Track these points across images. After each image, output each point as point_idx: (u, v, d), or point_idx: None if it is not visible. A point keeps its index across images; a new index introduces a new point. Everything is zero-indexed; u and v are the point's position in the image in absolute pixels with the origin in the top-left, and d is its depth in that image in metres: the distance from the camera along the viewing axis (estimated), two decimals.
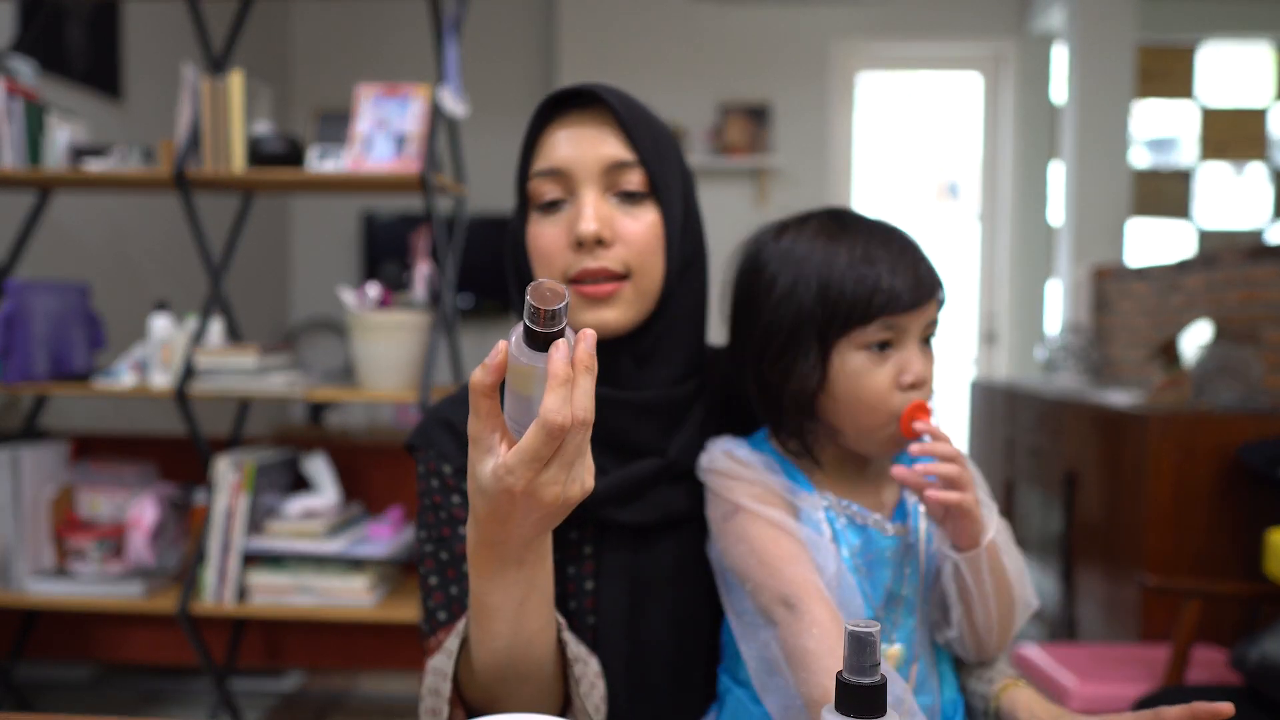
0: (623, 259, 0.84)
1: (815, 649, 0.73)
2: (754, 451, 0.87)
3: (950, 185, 4.66)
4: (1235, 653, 1.76)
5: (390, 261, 2.57)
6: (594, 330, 0.72)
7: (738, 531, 0.81)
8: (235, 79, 2.19)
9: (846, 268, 0.82)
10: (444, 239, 2.28)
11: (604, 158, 0.83)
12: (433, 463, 0.87)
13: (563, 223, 0.84)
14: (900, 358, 0.82)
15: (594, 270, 0.83)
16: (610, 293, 0.83)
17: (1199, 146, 4.60)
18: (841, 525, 0.85)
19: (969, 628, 0.84)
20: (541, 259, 0.85)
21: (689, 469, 0.89)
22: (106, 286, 2.99)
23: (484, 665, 0.74)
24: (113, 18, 3.19)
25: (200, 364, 2.17)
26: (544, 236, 0.85)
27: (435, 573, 0.85)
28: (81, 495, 2.34)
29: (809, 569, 0.78)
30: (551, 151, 0.84)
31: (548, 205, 0.85)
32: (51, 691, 2.65)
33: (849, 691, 0.48)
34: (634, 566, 0.87)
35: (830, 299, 0.81)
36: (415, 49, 4.27)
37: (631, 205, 0.85)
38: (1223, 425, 2.28)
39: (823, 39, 4.36)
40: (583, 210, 0.82)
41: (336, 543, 2.18)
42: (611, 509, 0.85)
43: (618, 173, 0.84)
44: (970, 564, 0.80)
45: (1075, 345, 3.37)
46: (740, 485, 0.83)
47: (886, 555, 0.85)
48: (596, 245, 0.83)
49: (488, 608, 0.71)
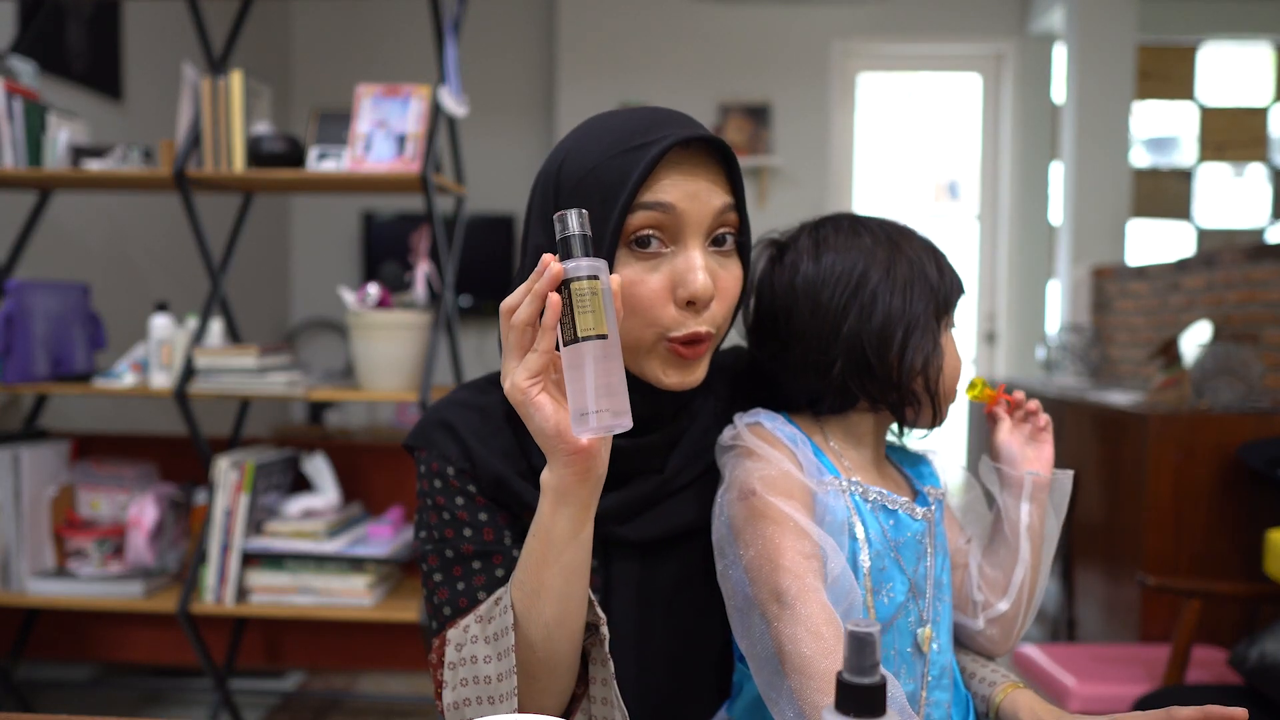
0: (716, 318, 0.81)
1: (810, 653, 0.73)
2: (783, 424, 0.87)
3: (950, 185, 4.66)
4: (1234, 653, 1.76)
5: (390, 261, 2.57)
6: (679, 387, 0.81)
7: (747, 519, 0.80)
8: (235, 79, 2.19)
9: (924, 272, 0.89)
10: (444, 239, 2.28)
11: (718, 206, 0.79)
12: (435, 463, 0.85)
13: (666, 272, 0.78)
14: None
15: (703, 334, 0.79)
16: (698, 355, 0.81)
17: (1198, 146, 4.60)
18: (870, 508, 0.85)
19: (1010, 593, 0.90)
20: (641, 310, 0.78)
21: (692, 479, 0.88)
22: (106, 286, 2.99)
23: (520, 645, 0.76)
24: (113, 18, 3.19)
25: (200, 364, 2.17)
26: (644, 285, 0.78)
27: (439, 570, 0.84)
28: (82, 495, 2.34)
29: (809, 566, 0.77)
30: (666, 188, 0.77)
31: (642, 245, 0.78)
32: (51, 691, 2.65)
33: (849, 692, 0.48)
34: (642, 580, 0.86)
35: (939, 287, 0.89)
36: (415, 49, 4.27)
37: (724, 257, 0.81)
38: (1222, 425, 2.28)
39: (823, 39, 4.36)
40: (695, 264, 0.78)
41: (336, 543, 2.18)
42: (611, 526, 0.84)
43: (720, 223, 0.80)
44: (1044, 491, 0.91)
45: (1075, 345, 3.37)
46: (757, 467, 0.82)
47: (916, 540, 0.86)
48: (705, 304, 0.79)
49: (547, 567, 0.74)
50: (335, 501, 2.27)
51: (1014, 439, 0.92)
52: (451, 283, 2.31)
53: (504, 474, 0.83)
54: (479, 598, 0.82)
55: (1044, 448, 0.92)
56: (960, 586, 0.94)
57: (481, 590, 0.82)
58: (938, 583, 0.87)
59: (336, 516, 2.25)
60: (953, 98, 4.60)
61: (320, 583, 2.17)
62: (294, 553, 2.17)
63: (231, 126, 2.19)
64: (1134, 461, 2.36)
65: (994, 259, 4.55)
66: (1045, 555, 0.91)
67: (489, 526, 0.84)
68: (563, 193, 0.79)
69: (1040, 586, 0.91)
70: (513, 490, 0.83)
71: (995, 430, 0.93)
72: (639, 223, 0.77)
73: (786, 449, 0.84)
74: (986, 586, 0.92)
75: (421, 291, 2.27)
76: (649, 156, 0.76)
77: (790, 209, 4.29)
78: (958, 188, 4.64)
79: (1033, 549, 0.90)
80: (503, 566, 0.83)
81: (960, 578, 0.94)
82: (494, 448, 0.85)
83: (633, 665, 0.85)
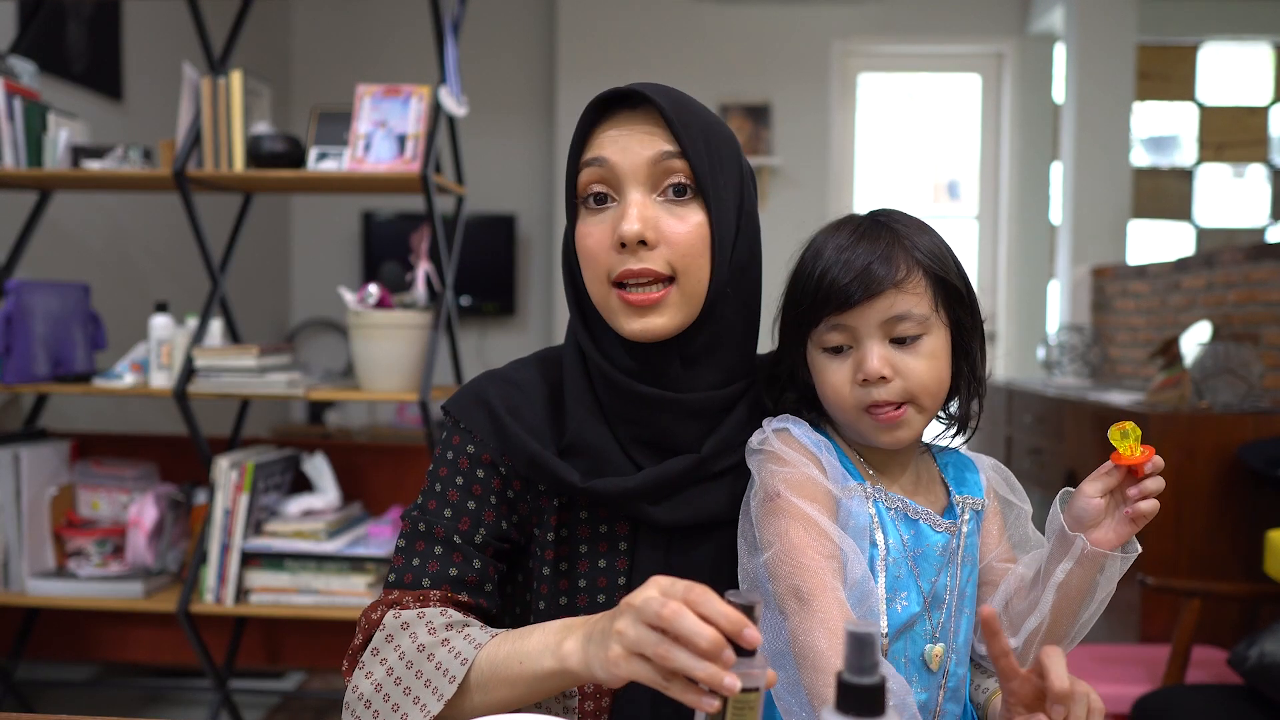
0: (667, 260, 0.82)
1: (823, 647, 0.73)
2: (810, 432, 0.86)
3: (950, 185, 4.66)
4: (1234, 653, 1.75)
5: (390, 261, 2.57)
6: (641, 336, 0.82)
7: (769, 518, 0.81)
8: (235, 79, 2.19)
9: (808, 269, 0.84)
10: (444, 239, 2.28)
11: (650, 154, 0.82)
12: (457, 437, 0.88)
13: (608, 222, 0.83)
14: (858, 355, 0.83)
15: (636, 271, 0.81)
16: (656, 300, 0.82)
17: (1198, 146, 4.60)
18: (892, 516, 0.84)
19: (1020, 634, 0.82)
20: (587, 259, 0.85)
21: (726, 468, 0.88)
22: (107, 286, 2.99)
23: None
24: (113, 18, 3.18)
25: (200, 364, 2.16)
26: (590, 237, 0.84)
27: (405, 536, 0.87)
28: (82, 495, 2.34)
29: (829, 566, 0.77)
30: (599, 146, 0.83)
31: (594, 202, 0.84)
32: (51, 691, 2.65)
33: (848, 691, 0.48)
34: (669, 567, 0.86)
35: (791, 300, 0.85)
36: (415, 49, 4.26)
37: (678, 206, 0.83)
38: (1223, 425, 2.28)
39: (823, 39, 4.36)
40: (627, 210, 0.81)
41: (336, 543, 2.18)
42: (641, 505, 0.85)
43: (664, 170, 0.82)
44: (1094, 563, 0.79)
45: (1075, 345, 3.37)
46: (782, 471, 0.82)
47: (936, 551, 0.84)
48: (640, 246, 0.81)
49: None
50: (335, 501, 2.27)
51: (1102, 501, 0.79)
52: (452, 283, 2.31)
53: (537, 453, 0.85)
54: (423, 584, 0.85)
55: (1124, 528, 0.79)
56: (983, 602, 0.89)
57: (428, 577, 0.85)
58: (961, 594, 0.85)
59: (336, 516, 2.25)
60: (953, 98, 4.59)
61: (320, 583, 2.17)
62: (294, 553, 2.17)
63: (231, 126, 2.19)
64: None
65: (994, 259, 4.55)
66: (1080, 619, 0.82)
67: (469, 518, 0.86)
68: (566, 167, 0.87)
69: (1064, 641, 0.83)
70: (547, 468, 0.85)
71: (1094, 479, 0.80)
72: (585, 180, 0.84)
73: (811, 455, 0.84)
74: (1008, 615, 0.85)
75: (421, 291, 2.26)
76: (581, 126, 0.84)
77: (790, 209, 4.29)
78: (958, 188, 4.64)
79: (1056, 602, 0.80)
80: (458, 566, 0.85)
81: (986, 594, 0.89)
82: (530, 426, 0.87)
83: None
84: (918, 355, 0.82)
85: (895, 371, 0.81)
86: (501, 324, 4.50)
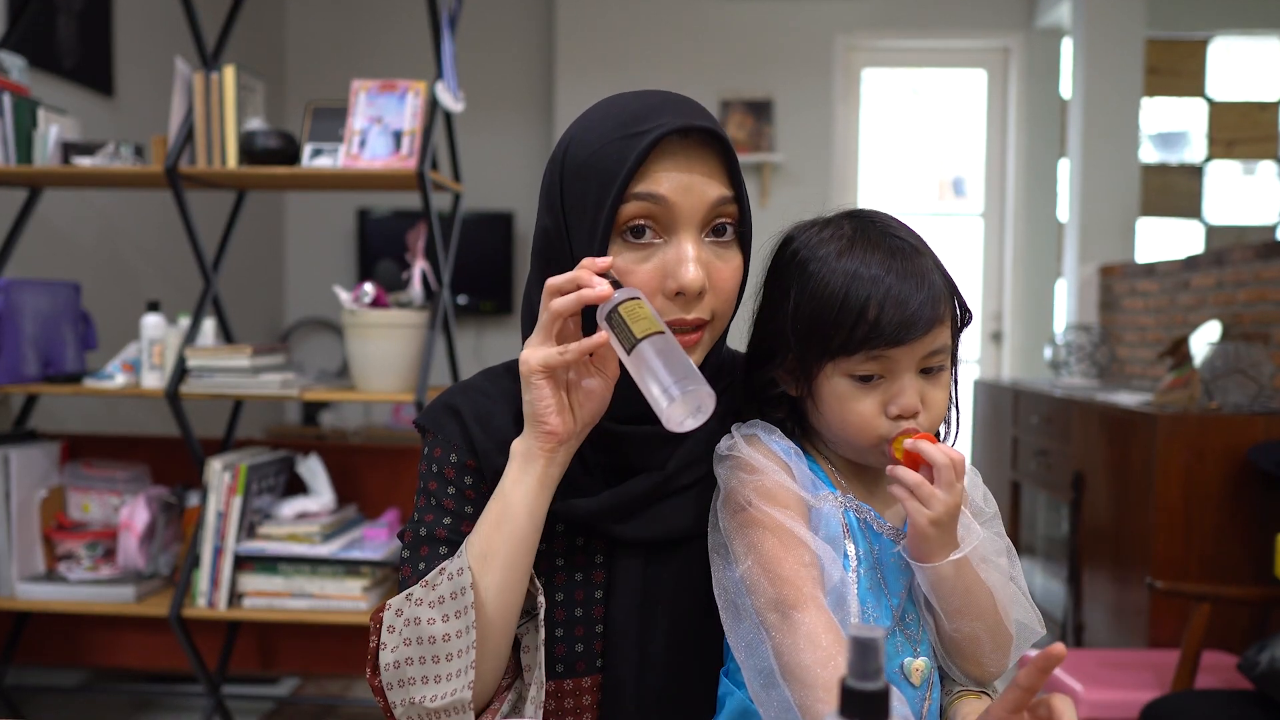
0: (711, 307, 0.81)
1: (810, 662, 0.72)
2: (780, 438, 0.85)
3: (955, 182, 4.63)
4: (1244, 658, 1.75)
5: (386, 259, 2.54)
6: None
7: (741, 530, 0.80)
8: (228, 74, 2.17)
9: (841, 297, 0.79)
10: (440, 236, 2.25)
11: (712, 199, 0.79)
12: (438, 449, 0.87)
13: (655, 262, 0.79)
14: (890, 388, 0.80)
15: (689, 321, 0.80)
16: (694, 343, 0.81)
17: (1208, 143, 4.57)
18: (862, 527, 0.84)
19: (941, 645, 0.83)
20: None
21: (693, 481, 0.86)
22: (98, 285, 2.96)
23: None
24: (104, 12, 3.15)
25: (193, 364, 2.15)
26: (633, 275, 0.79)
27: (410, 547, 0.86)
28: (72, 497, 2.32)
29: (808, 575, 0.76)
30: (656, 181, 0.78)
31: (632, 235, 0.79)
32: (41, 697, 2.63)
33: (852, 698, 0.46)
34: (645, 580, 0.86)
35: (820, 323, 0.79)
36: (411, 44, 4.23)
37: (721, 248, 0.81)
38: (1233, 426, 2.26)
39: (826, 33, 4.33)
40: (684, 257, 0.78)
41: (331, 546, 2.16)
42: (609, 524, 0.84)
43: (716, 214, 0.80)
44: (932, 576, 0.79)
45: (1082, 345, 3.33)
46: (751, 479, 0.81)
47: (899, 565, 0.83)
48: (695, 296, 0.80)
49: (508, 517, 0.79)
50: (330, 504, 2.26)
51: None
52: (448, 281, 2.30)
53: (505, 466, 0.84)
54: None
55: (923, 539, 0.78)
56: None
57: None
58: (927, 604, 0.84)
59: (331, 519, 2.23)
60: (958, 93, 4.57)
61: (315, 586, 2.15)
62: (288, 556, 2.15)
63: (224, 122, 2.18)
64: (1143, 463, 2.33)
65: (1000, 257, 4.52)
66: (1000, 605, 0.81)
67: (469, 521, 0.85)
68: (566, 178, 0.81)
69: (1009, 639, 0.83)
70: None
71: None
72: (631, 213, 0.79)
73: (780, 462, 0.83)
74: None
75: (418, 290, 2.25)
76: (640, 147, 0.77)
77: (792, 206, 4.21)
78: (963, 184, 4.61)
79: (945, 612, 0.80)
80: None
81: None
82: (499, 437, 0.86)
83: (633, 666, 0.85)
84: (939, 386, 0.82)
85: (924, 404, 0.81)
86: (499, 323, 4.48)
